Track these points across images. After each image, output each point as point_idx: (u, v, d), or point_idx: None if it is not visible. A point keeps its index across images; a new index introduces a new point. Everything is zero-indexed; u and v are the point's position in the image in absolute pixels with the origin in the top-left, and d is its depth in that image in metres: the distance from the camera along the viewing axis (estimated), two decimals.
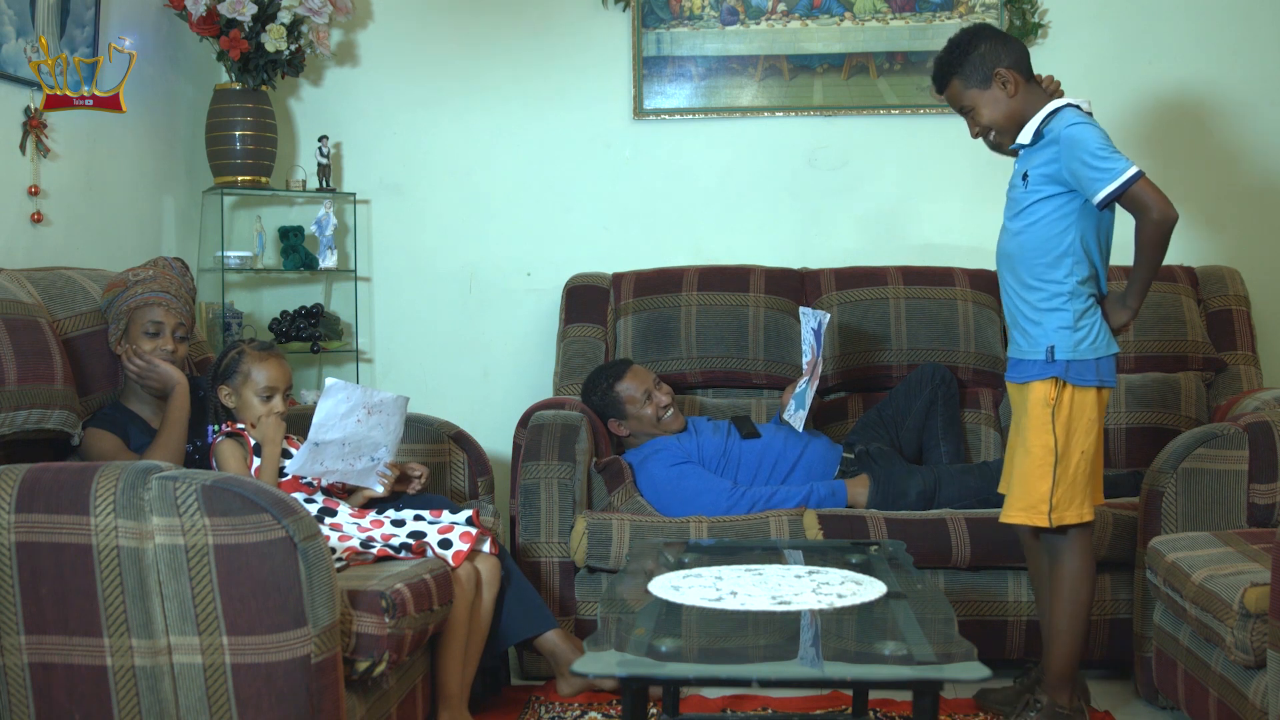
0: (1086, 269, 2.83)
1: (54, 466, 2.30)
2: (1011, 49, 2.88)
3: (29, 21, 3.25)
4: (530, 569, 3.39)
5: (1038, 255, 2.84)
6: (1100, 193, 2.73)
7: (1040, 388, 2.84)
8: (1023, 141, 2.88)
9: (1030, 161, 2.86)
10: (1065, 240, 2.82)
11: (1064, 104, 2.85)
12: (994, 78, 2.87)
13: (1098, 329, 2.83)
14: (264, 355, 3.03)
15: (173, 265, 3.14)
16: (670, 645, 2.00)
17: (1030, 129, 2.86)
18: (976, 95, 2.90)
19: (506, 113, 4.40)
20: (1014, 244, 2.89)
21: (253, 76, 4.07)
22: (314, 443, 2.87)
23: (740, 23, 4.32)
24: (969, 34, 2.93)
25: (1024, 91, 2.87)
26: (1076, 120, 2.79)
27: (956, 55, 2.90)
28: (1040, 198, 2.83)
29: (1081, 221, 2.82)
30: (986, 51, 2.87)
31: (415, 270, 4.45)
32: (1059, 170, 2.80)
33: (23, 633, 2.22)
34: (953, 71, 2.91)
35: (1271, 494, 3.06)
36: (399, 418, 3.04)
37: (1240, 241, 4.22)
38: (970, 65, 2.88)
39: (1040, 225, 2.84)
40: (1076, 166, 2.76)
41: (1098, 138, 2.75)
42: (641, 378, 3.76)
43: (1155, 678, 3.08)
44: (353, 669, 2.43)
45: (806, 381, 3.69)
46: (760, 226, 4.36)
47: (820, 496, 3.52)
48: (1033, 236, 2.85)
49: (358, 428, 2.93)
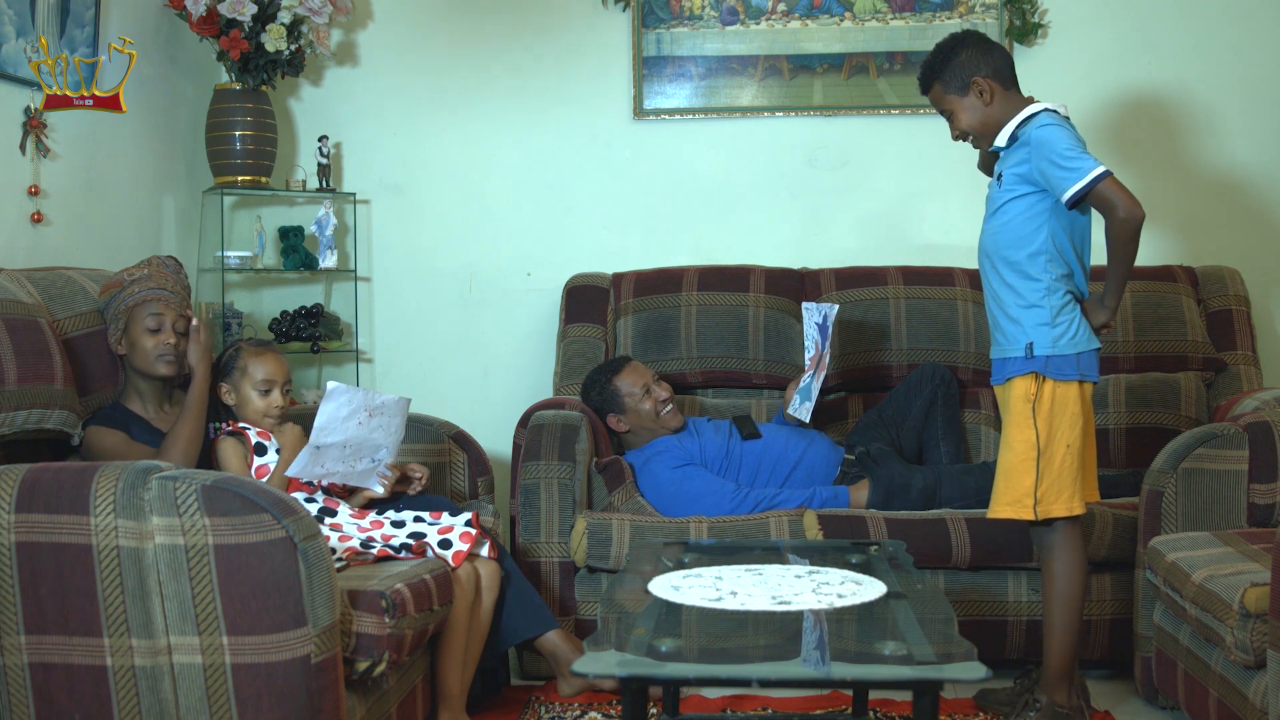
0: (1061, 266, 2.88)
1: (54, 466, 2.30)
2: (992, 58, 2.95)
3: (29, 21, 3.25)
4: (530, 569, 3.39)
5: (1012, 253, 2.90)
6: (1068, 191, 2.79)
7: (1020, 383, 2.88)
8: (1000, 144, 2.96)
9: (1006, 162, 2.95)
10: (1038, 239, 2.87)
11: (1040, 108, 2.92)
12: (971, 86, 2.95)
13: (1076, 324, 2.87)
14: (260, 350, 3.08)
15: (167, 263, 3.14)
16: (670, 645, 2.00)
17: (1007, 132, 2.93)
18: (955, 101, 2.99)
19: (506, 113, 4.40)
20: (991, 242, 2.97)
21: (253, 76, 4.07)
22: (315, 446, 2.87)
23: (740, 23, 4.32)
24: (953, 40, 3.01)
25: (1001, 100, 2.94)
26: (1048, 122, 2.87)
27: (939, 61, 2.99)
28: (1013, 197, 2.91)
29: (1053, 220, 2.88)
30: (966, 59, 2.95)
31: (415, 270, 4.45)
32: (1030, 170, 2.87)
33: (23, 633, 2.22)
34: (934, 76, 3.00)
35: (1271, 494, 3.06)
36: (400, 419, 3.04)
37: (1240, 241, 4.22)
38: (950, 71, 2.97)
39: (1014, 224, 2.90)
40: (1045, 166, 2.83)
41: (1067, 138, 2.82)
42: (640, 372, 3.77)
43: (1155, 678, 3.08)
44: (353, 669, 2.43)
45: (811, 375, 3.69)
46: (760, 226, 4.36)
47: (823, 499, 3.53)
48: (1007, 235, 2.91)
49: (359, 430, 2.93)
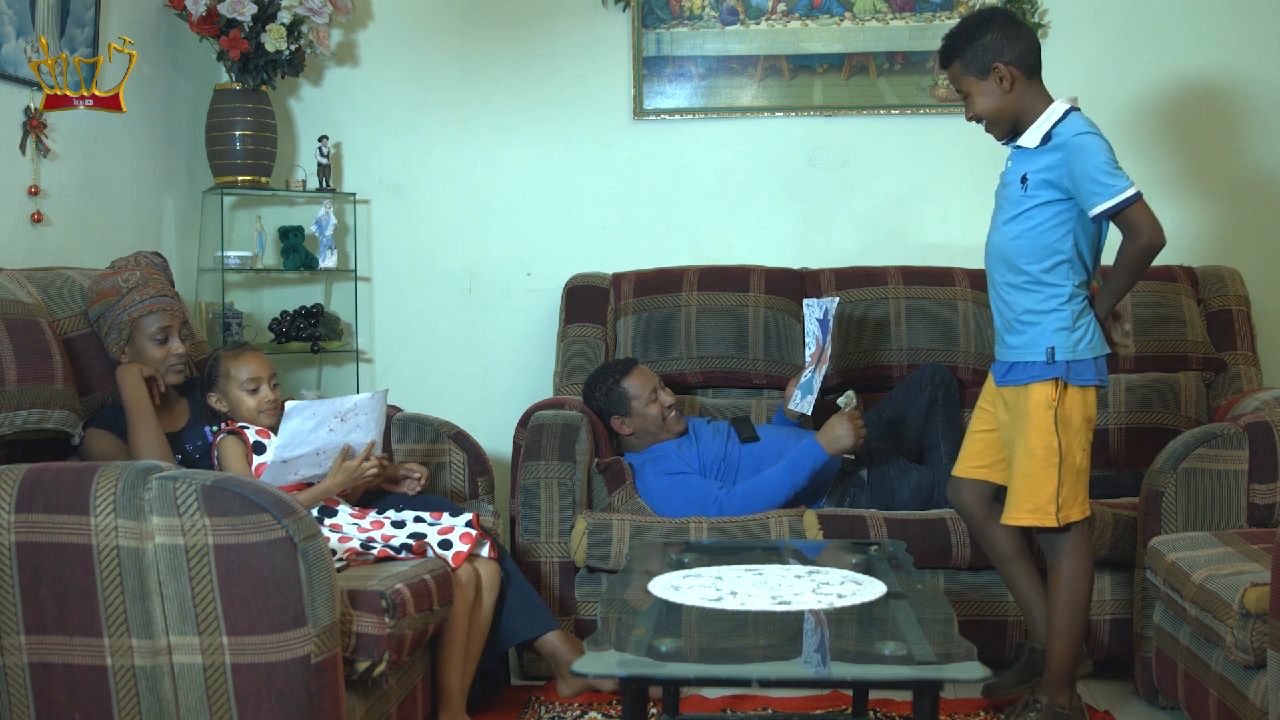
0: (1081, 274, 2.84)
1: (54, 466, 2.30)
2: (1017, 44, 2.84)
3: (29, 21, 3.25)
4: (530, 569, 3.39)
5: (1036, 259, 2.84)
6: (1098, 207, 2.74)
7: (1041, 389, 2.83)
8: (1027, 144, 2.86)
9: (1033, 164, 2.85)
10: (1065, 245, 2.82)
11: (1068, 107, 2.83)
12: (992, 71, 2.84)
13: (1093, 329, 2.84)
14: (238, 352, 3.08)
15: (155, 261, 3.14)
16: (670, 645, 2.00)
17: (1038, 132, 2.84)
18: (973, 83, 2.87)
19: (506, 113, 4.40)
20: (1012, 246, 2.87)
21: (253, 76, 4.07)
22: (281, 460, 2.86)
23: (740, 23, 4.32)
24: (980, 18, 2.89)
25: (1022, 89, 2.84)
26: (1085, 129, 2.78)
27: (962, 38, 2.87)
28: (1039, 202, 2.83)
29: (1079, 228, 2.82)
30: (991, 42, 2.83)
31: (415, 270, 4.45)
32: (1060, 176, 2.79)
33: (23, 633, 2.22)
34: (955, 54, 2.89)
35: (1271, 494, 3.06)
36: (378, 413, 3.01)
37: (1240, 241, 4.22)
38: (972, 52, 2.85)
39: (1039, 230, 2.83)
40: (1079, 176, 2.75)
41: (1105, 151, 2.75)
42: (648, 376, 3.76)
43: (1155, 678, 3.08)
44: (353, 669, 2.43)
45: (813, 370, 3.69)
46: (760, 226, 4.36)
47: (796, 461, 3.49)
48: (1031, 241, 2.84)
49: (331, 436, 2.92)
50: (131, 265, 3.09)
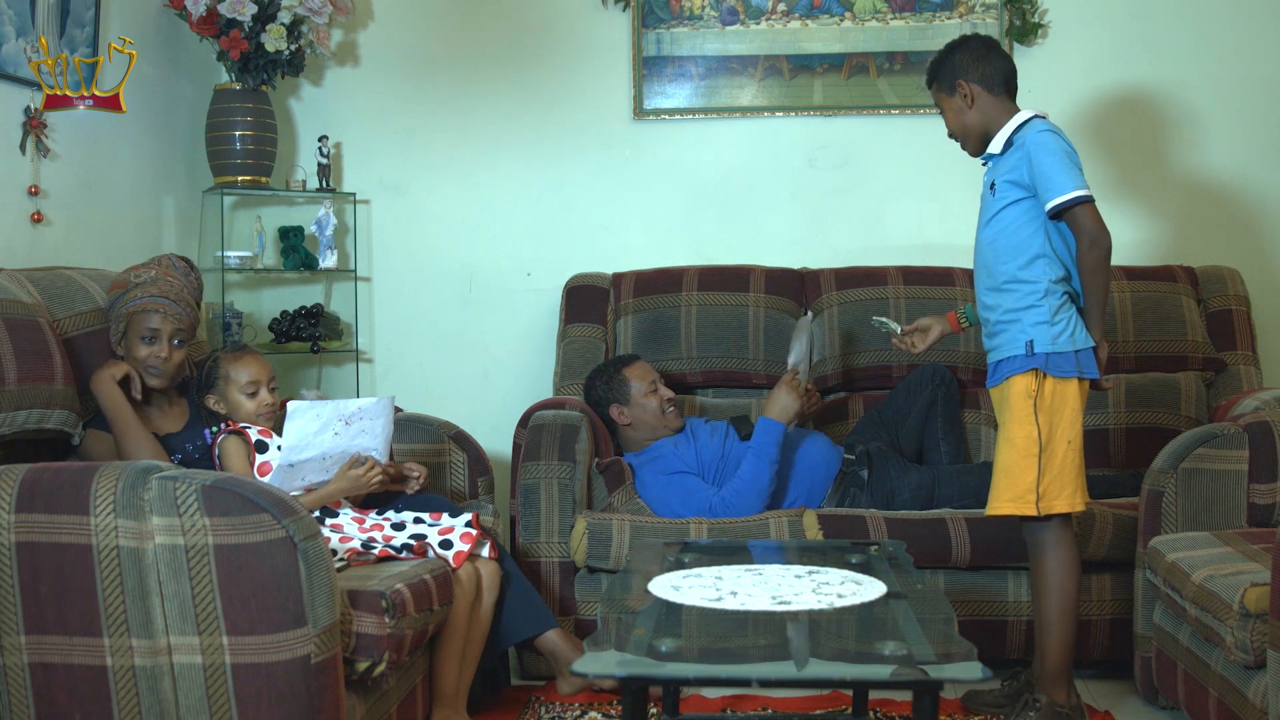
0: (1059, 269, 2.89)
1: (54, 466, 2.30)
2: (984, 65, 2.98)
3: (29, 21, 3.25)
4: (530, 569, 3.39)
5: (1011, 259, 2.91)
6: (1050, 202, 2.83)
7: (1020, 380, 2.88)
8: (993, 151, 2.98)
9: (998, 170, 2.96)
10: (1036, 241, 2.89)
11: (1031, 114, 2.95)
12: (957, 88, 2.99)
13: (1075, 323, 2.88)
14: (238, 355, 3.05)
15: (176, 265, 3.08)
16: (670, 645, 2.00)
17: (1001, 138, 2.96)
18: (944, 100, 3.05)
19: (506, 112, 4.40)
20: (989, 250, 2.96)
21: (253, 76, 4.07)
22: (288, 464, 2.85)
23: (740, 23, 4.32)
24: (957, 41, 3.06)
25: (986, 105, 2.98)
26: (1045, 129, 2.90)
27: (938, 59, 3.06)
28: (1008, 203, 2.92)
29: (1049, 224, 2.89)
30: (959, 61, 3.00)
31: (415, 270, 4.45)
32: (1023, 175, 2.89)
33: (23, 633, 2.22)
34: (933, 74, 3.07)
35: (1271, 494, 3.06)
36: (384, 419, 3.00)
37: (1240, 241, 4.22)
38: (944, 71, 3.03)
39: (1011, 229, 2.91)
40: (1037, 173, 2.85)
41: (1063, 151, 2.85)
42: (649, 370, 3.79)
43: (1155, 677, 3.08)
44: (353, 669, 2.43)
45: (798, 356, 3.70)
46: (760, 226, 4.36)
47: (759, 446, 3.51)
48: (1006, 240, 2.92)
49: (336, 440, 2.91)
50: (152, 264, 3.08)
